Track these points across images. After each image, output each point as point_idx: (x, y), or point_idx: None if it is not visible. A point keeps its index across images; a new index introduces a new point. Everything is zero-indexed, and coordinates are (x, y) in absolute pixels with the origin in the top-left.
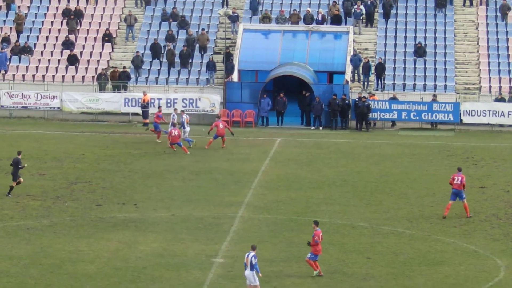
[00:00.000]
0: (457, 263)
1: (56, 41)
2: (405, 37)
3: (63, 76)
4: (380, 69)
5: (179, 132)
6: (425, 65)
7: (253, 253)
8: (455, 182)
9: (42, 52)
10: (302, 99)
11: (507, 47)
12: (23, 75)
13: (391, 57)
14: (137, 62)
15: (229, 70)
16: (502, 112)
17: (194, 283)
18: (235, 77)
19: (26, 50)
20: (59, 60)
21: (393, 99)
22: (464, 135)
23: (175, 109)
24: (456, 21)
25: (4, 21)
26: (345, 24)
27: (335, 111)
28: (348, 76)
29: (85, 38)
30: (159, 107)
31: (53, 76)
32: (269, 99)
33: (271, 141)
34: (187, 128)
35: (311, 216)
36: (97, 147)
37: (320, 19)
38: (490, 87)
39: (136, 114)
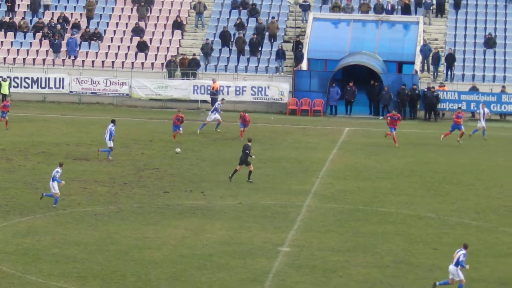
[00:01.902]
0: None
1: (126, 27)
2: (475, 27)
3: (132, 63)
4: (450, 59)
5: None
6: (494, 56)
7: (463, 251)
8: None
9: (111, 38)
10: (371, 88)
11: None
12: (93, 61)
13: (461, 48)
14: (207, 50)
15: (298, 58)
16: None
17: (260, 272)
18: (304, 65)
19: (96, 36)
20: (128, 47)
21: (473, 89)
22: None
23: (222, 99)
24: None
25: (75, 7)
26: (415, 14)
27: (404, 101)
28: (417, 66)
29: (155, 25)
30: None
31: (123, 62)
32: (338, 88)
33: (340, 130)
34: (214, 115)
35: (378, 206)
36: (165, 134)
37: (390, 8)
38: None
39: (205, 101)
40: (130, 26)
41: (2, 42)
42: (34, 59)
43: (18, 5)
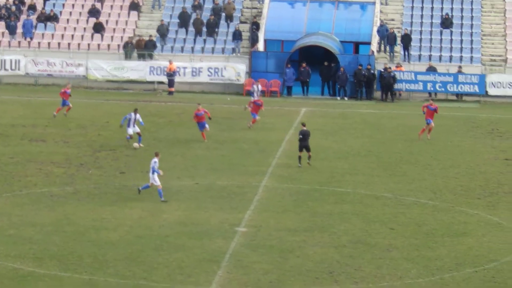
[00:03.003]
0: (480, 235)
1: (82, 9)
2: (432, 8)
3: (88, 44)
4: (407, 40)
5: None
6: (451, 37)
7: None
8: None
9: (68, 20)
10: (325, 69)
11: None
12: (49, 43)
13: (418, 28)
14: (163, 31)
15: (255, 39)
16: None
17: (217, 252)
18: (261, 46)
19: (52, 18)
20: (85, 28)
21: (430, 69)
22: (489, 107)
23: (257, 81)
24: None
25: None
26: None
27: (360, 82)
28: (374, 46)
29: (111, 6)
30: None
31: (79, 44)
32: (293, 69)
33: (296, 111)
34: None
35: (335, 186)
36: (122, 115)
37: None
38: None
39: (161, 82)
40: (86, 7)
41: None
42: None
43: None
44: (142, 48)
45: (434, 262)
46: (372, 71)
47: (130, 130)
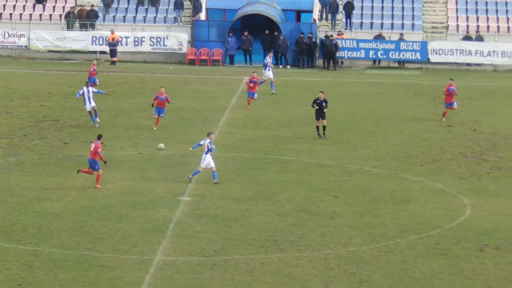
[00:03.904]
0: (423, 202)
1: None
2: None
3: (30, 15)
4: (349, 7)
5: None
6: (392, 4)
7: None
8: None
9: None
10: (265, 37)
11: None
12: None
13: None
14: (105, 1)
15: (196, 8)
16: (469, 51)
17: (161, 222)
18: (202, 15)
19: None
20: None
21: (379, 37)
22: (431, 74)
23: (269, 54)
24: None
25: None
26: None
27: (302, 50)
28: (315, 15)
29: None
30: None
31: (21, 14)
32: (235, 37)
33: (239, 79)
34: (267, 72)
35: (278, 155)
36: (65, 85)
37: None
38: (457, 26)
39: (104, 52)
40: None
41: None
42: None
43: None
44: (84, 18)
45: (378, 229)
46: (313, 39)
47: (88, 107)
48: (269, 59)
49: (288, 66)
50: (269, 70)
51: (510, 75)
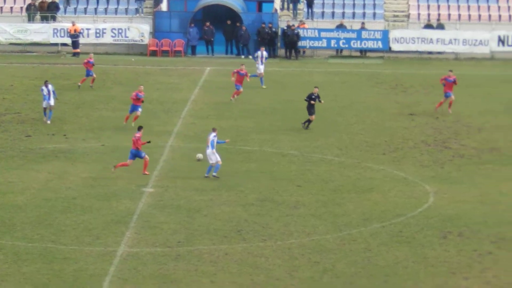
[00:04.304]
0: (386, 190)
1: None
2: None
3: None
4: None
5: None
6: None
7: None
8: None
9: None
10: (227, 28)
11: None
12: None
13: None
14: None
15: None
16: (431, 39)
17: (124, 213)
18: (164, 6)
19: None
20: None
21: (340, 26)
22: (393, 62)
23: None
24: None
25: None
26: None
27: (264, 40)
28: (277, 4)
29: None
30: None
31: None
32: (197, 28)
33: (201, 70)
34: (260, 66)
35: (241, 145)
36: (26, 78)
37: None
38: (418, 14)
39: (65, 44)
40: None
41: None
42: None
43: None
44: (45, 10)
45: (342, 218)
46: (274, 29)
47: (45, 103)
48: (263, 53)
49: (250, 56)
50: (262, 64)
51: (472, 63)
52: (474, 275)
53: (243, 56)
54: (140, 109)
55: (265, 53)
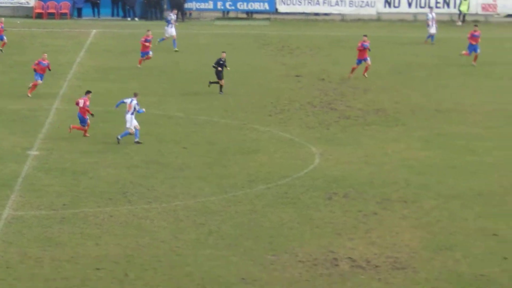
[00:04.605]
0: (272, 151)
1: None
2: None
3: None
4: None
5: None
6: None
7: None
8: None
9: None
10: None
11: None
12: None
13: None
14: None
15: None
16: (317, 0)
17: (9, 176)
18: None
19: None
20: None
21: None
22: (279, 24)
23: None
24: None
25: None
26: None
27: (150, 2)
28: None
29: None
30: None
31: None
32: None
33: (87, 32)
34: (169, 29)
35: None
36: None
37: None
38: None
39: None
40: None
41: None
42: None
43: None
44: None
45: (227, 180)
46: None
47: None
48: (172, 16)
49: (136, 19)
50: (171, 27)
51: (358, 24)
52: (359, 236)
53: (129, 19)
54: (40, 79)
55: (174, 17)
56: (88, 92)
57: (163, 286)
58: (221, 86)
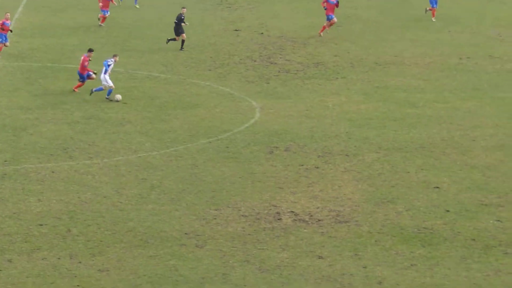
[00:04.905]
0: (212, 106)
1: None
2: None
3: None
4: None
5: None
6: None
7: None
8: None
9: None
10: None
11: None
12: None
13: None
14: None
15: None
16: None
17: None
18: None
19: None
20: None
21: None
22: None
23: None
24: None
25: None
26: None
27: None
28: None
29: None
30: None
31: None
32: None
33: None
34: None
35: (66, 63)
36: None
37: None
38: None
39: None
40: None
41: None
42: None
43: None
44: None
45: (168, 135)
46: None
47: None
48: None
49: None
50: None
51: None
52: (301, 190)
53: None
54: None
55: None
56: (90, 50)
57: (106, 241)
58: (183, 41)
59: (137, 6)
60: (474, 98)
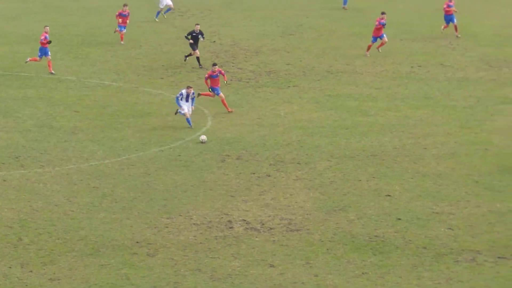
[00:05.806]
0: (164, 114)
1: None
2: None
3: None
4: None
5: None
6: None
7: None
8: None
9: None
10: None
11: None
12: None
13: None
14: None
15: None
16: None
17: None
18: None
19: None
20: None
21: None
22: None
23: None
24: None
25: None
26: None
27: None
28: None
29: None
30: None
31: None
32: None
33: None
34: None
35: (18, 71)
36: None
37: None
38: None
39: None
40: None
41: None
42: None
43: None
44: None
45: (120, 143)
46: None
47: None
48: None
49: None
50: None
51: None
52: (253, 198)
53: None
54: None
55: None
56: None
57: (57, 250)
58: (198, 58)
59: (157, 20)
60: (425, 106)
